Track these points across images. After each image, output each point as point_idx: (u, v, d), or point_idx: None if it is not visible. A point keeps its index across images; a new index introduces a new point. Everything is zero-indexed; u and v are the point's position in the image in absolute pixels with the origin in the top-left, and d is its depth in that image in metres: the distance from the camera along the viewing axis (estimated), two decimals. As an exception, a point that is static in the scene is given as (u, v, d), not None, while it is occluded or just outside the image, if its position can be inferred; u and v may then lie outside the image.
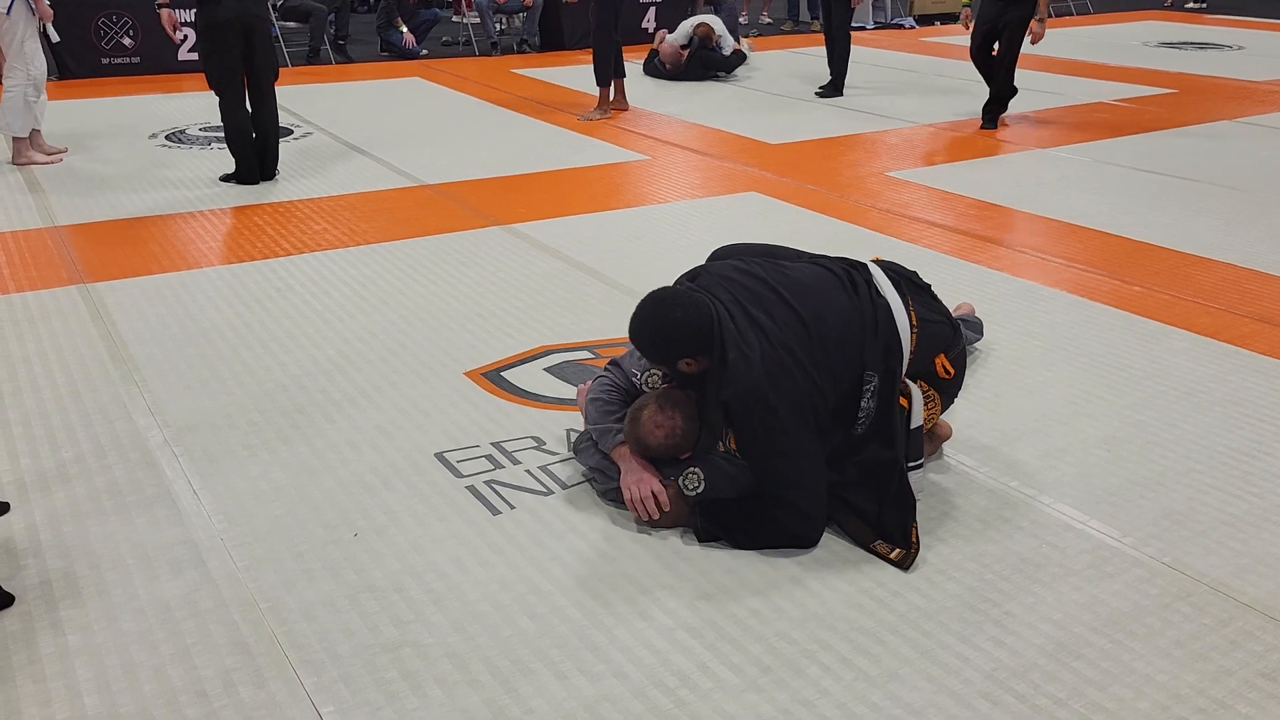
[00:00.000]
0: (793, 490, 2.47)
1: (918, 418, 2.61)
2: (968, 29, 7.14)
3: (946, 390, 2.78)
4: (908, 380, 2.61)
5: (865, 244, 4.60)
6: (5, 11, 5.60)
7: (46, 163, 5.90)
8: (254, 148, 5.44)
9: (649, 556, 2.45)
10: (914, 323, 2.62)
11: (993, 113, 7.08)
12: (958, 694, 2.03)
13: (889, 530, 2.48)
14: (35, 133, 5.93)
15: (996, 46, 6.86)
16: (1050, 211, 5.23)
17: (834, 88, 8.17)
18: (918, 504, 2.54)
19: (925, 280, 2.83)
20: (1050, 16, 7.10)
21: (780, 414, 2.42)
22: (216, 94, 5.33)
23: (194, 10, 8.76)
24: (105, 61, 8.75)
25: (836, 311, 2.54)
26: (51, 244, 4.58)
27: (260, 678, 2.05)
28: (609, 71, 7.41)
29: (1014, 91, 7.11)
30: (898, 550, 2.46)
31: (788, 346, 2.45)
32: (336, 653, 2.12)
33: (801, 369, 2.45)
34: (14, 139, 5.85)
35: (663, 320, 2.49)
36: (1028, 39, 6.83)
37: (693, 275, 2.66)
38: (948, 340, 2.73)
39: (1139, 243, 4.76)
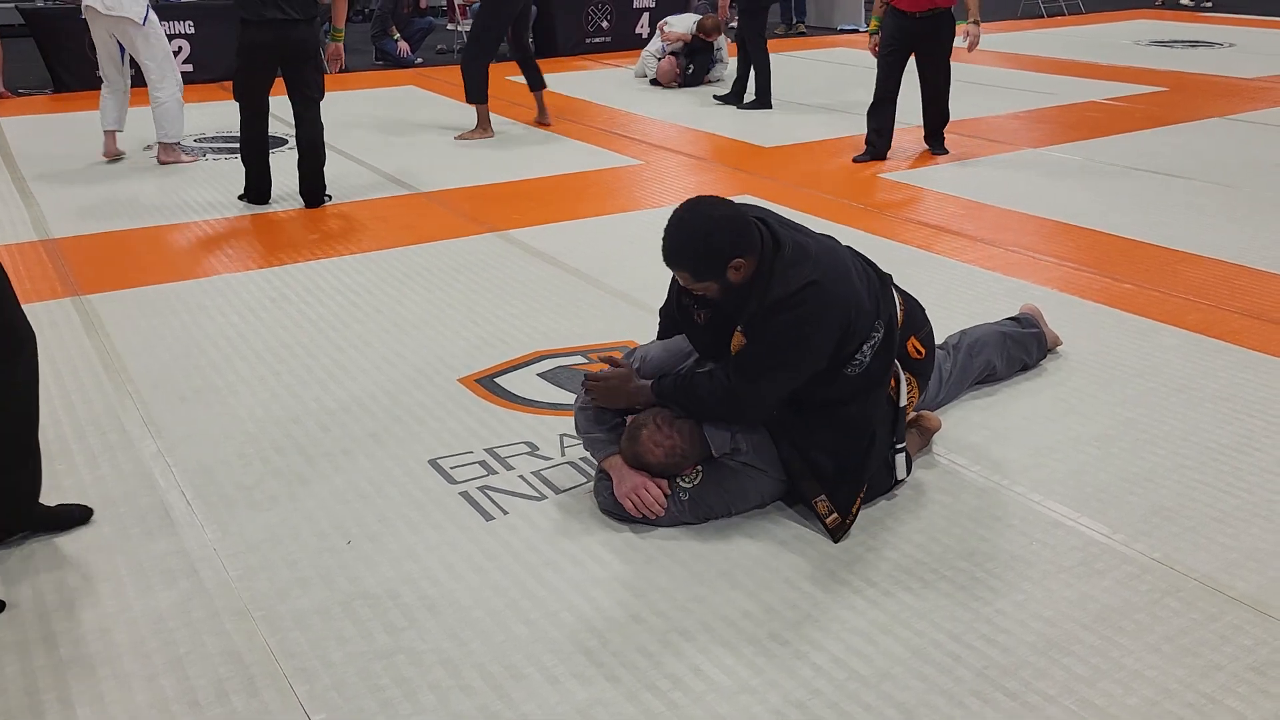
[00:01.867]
0: (752, 393, 2.47)
1: (904, 397, 2.64)
2: (874, 53, 6.27)
3: (920, 372, 2.78)
4: (897, 363, 2.63)
5: (859, 245, 4.59)
6: (141, 22, 5.89)
7: (191, 161, 6.29)
8: (301, 169, 5.37)
9: (642, 560, 2.46)
10: (901, 300, 2.69)
11: (938, 139, 6.44)
12: (949, 693, 2.04)
13: (837, 494, 2.50)
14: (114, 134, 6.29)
15: (920, 74, 6.21)
16: (1041, 210, 5.25)
17: (760, 100, 7.85)
18: (902, 483, 2.64)
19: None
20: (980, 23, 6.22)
21: (823, 330, 2.40)
22: (238, 106, 5.32)
23: (188, 21, 8.90)
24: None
25: (846, 261, 2.56)
26: (46, 256, 4.59)
27: (253, 686, 2.05)
28: (483, 88, 6.78)
29: (945, 119, 6.46)
30: (835, 516, 2.49)
31: (841, 265, 2.48)
32: (330, 660, 2.12)
33: (853, 280, 2.47)
34: (162, 144, 6.23)
35: (706, 219, 2.41)
36: (965, 49, 6.20)
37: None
38: (920, 320, 2.78)
39: (1129, 240, 4.78)
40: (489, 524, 2.60)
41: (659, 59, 8.92)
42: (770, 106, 7.86)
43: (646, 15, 11.06)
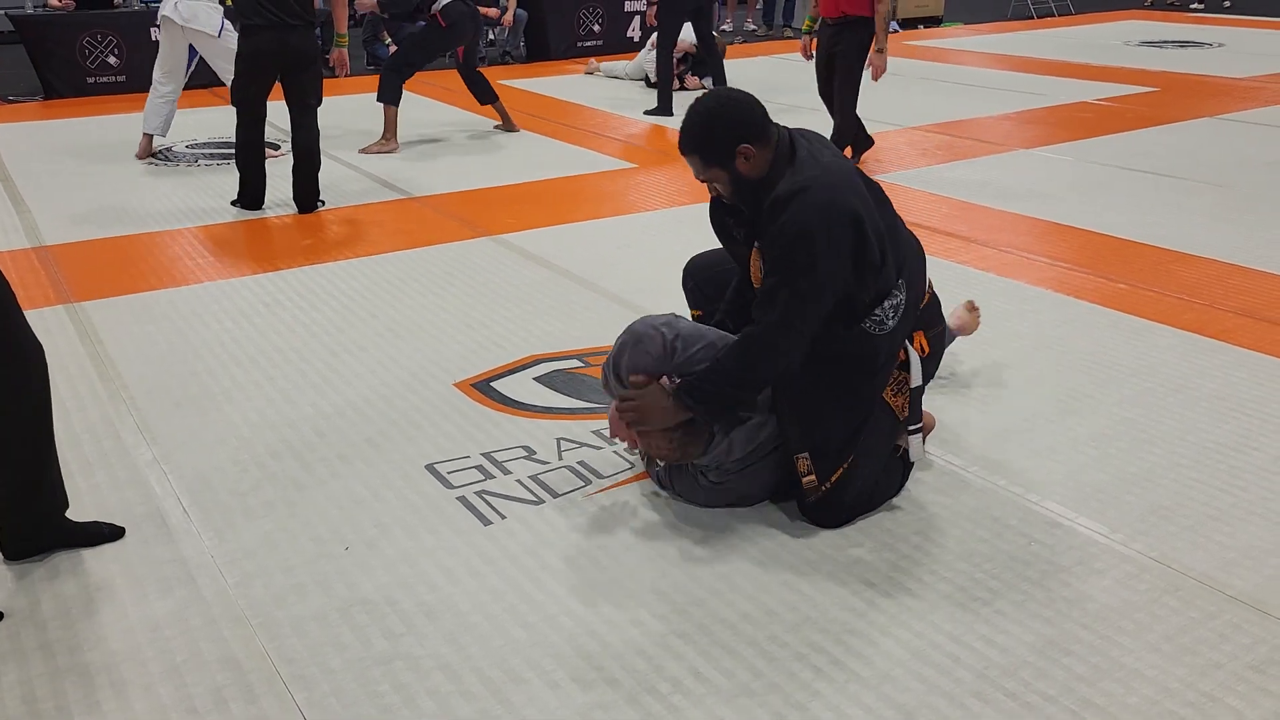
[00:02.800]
0: (781, 332, 2.40)
1: (916, 378, 2.62)
2: (809, 58, 6.04)
3: (924, 371, 2.74)
4: (908, 344, 2.62)
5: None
6: (216, 35, 6.09)
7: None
8: (296, 174, 5.37)
9: (641, 563, 2.45)
10: (929, 287, 2.70)
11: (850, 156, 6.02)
12: (950, 694, 2.04)
13: (822, 454, 2.47)
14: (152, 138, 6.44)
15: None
16: (1034, 211, 5.26)
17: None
18: (912, 469, 2.68)
19: None
20: (884, 48, 5.68)
21: (829, 235, 2.32)
22: (236, 110, 5.30)
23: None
24: (90, 81, 8.75)
25: (858, 186, 2.48)
26: (39, 263, 4.57)
27: (251, 693, 2.04)
28: (397, 91, 6.59)
29: (864, 139, 6.04)
30: (812, 478, 2.48)
31: (857, 185, 2.44)
32: (328, 667, 2.11)
33: (866, 206, 2.41)
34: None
35: (719, 99, 2.45)
36: (868, 71, 5.79)
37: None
38: (933, 317, 2.78)
39: (1123, 240, 4.79)
40: (487, 529, 2.59)
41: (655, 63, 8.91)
42: (670, 114, 7.74)
43: (638, 19, 11.07)
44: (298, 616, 2.26)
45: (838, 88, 5.79)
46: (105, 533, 2.52)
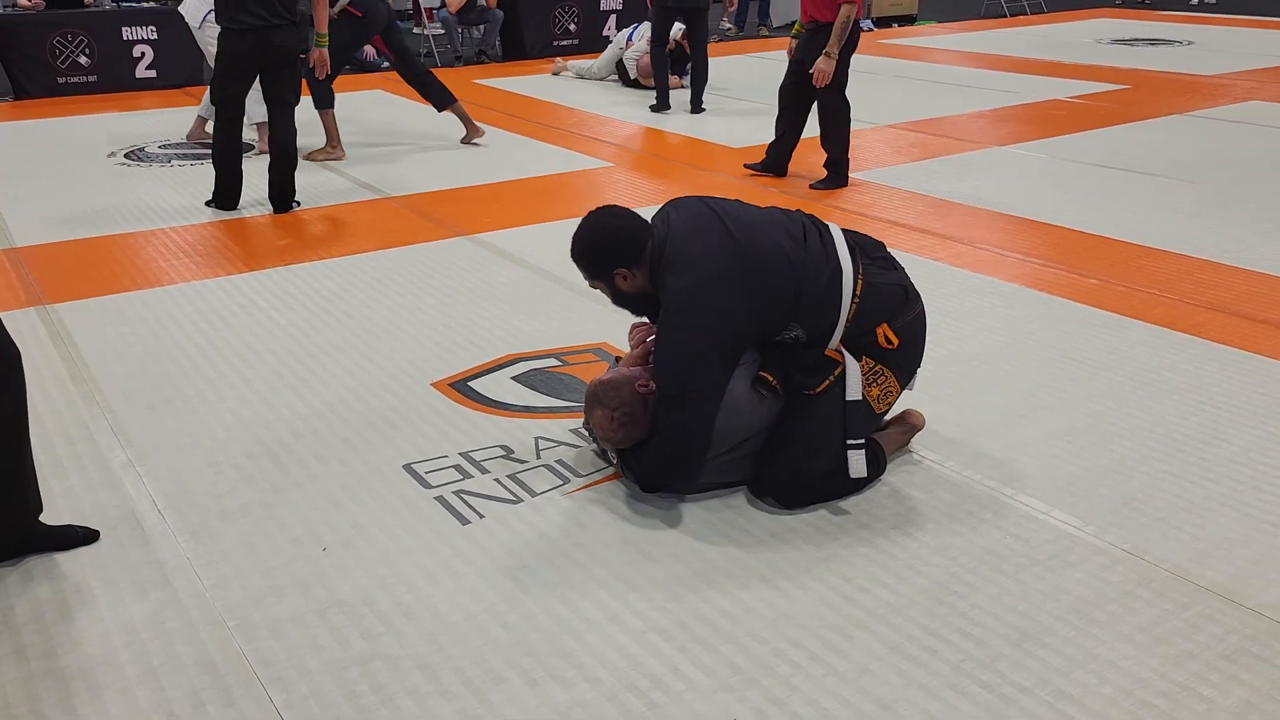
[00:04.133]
0: (678, 428, 2.54)
1: (854, 390, 2.61)
2: (790, 56, 5.87)
3: (895, 363, 2.69)
4: (845, 351, 2.63)
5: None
6: (197, 26, 6.20)
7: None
8: (272, 174, 5.33)
9: (620, 561, 2.46)
10: (857, 293, 2.61)
11: (828, 166, 5.78)
12: (927, 686, 2.05)
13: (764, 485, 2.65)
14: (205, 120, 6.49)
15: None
16: (1007, 208, 5.30)
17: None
18: (869, 482, 2.69)
19: (888, 253, 2.82)
20: (832, 55, 5.43)
21: (698, 334, 2.50)
22: (215, 109, 5.25)
23: (150, 27, 8.80)
24: (61, 81, 8.65)
25: (775, 252, 2.56)
26: (10, 265, 4.52)
27: (229, 696, 2.03)
28: (327, 95, 6.34)
29: (840, 176, 5.74)
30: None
31: (724, 267, 2.51)
32: (306, 668, 2.11)
33: (733, 294, 2.50)
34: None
35: (599, 227, 2.65)
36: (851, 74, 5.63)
37: (663, 206, 2.76)
38: (894, 309, 2.67)
39: (1095, 236, 4.84)
40: (465, 528, 2.59)
41: (637, 59, 8.91)
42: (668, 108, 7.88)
43: (614, 17, 11.06)
44: (275, 618, 2.25)
45: (820, 94, 5.63)
46: (80, 536, 2.50)
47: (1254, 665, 2.10)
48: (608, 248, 2.62)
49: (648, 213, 2.73)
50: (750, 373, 2.67)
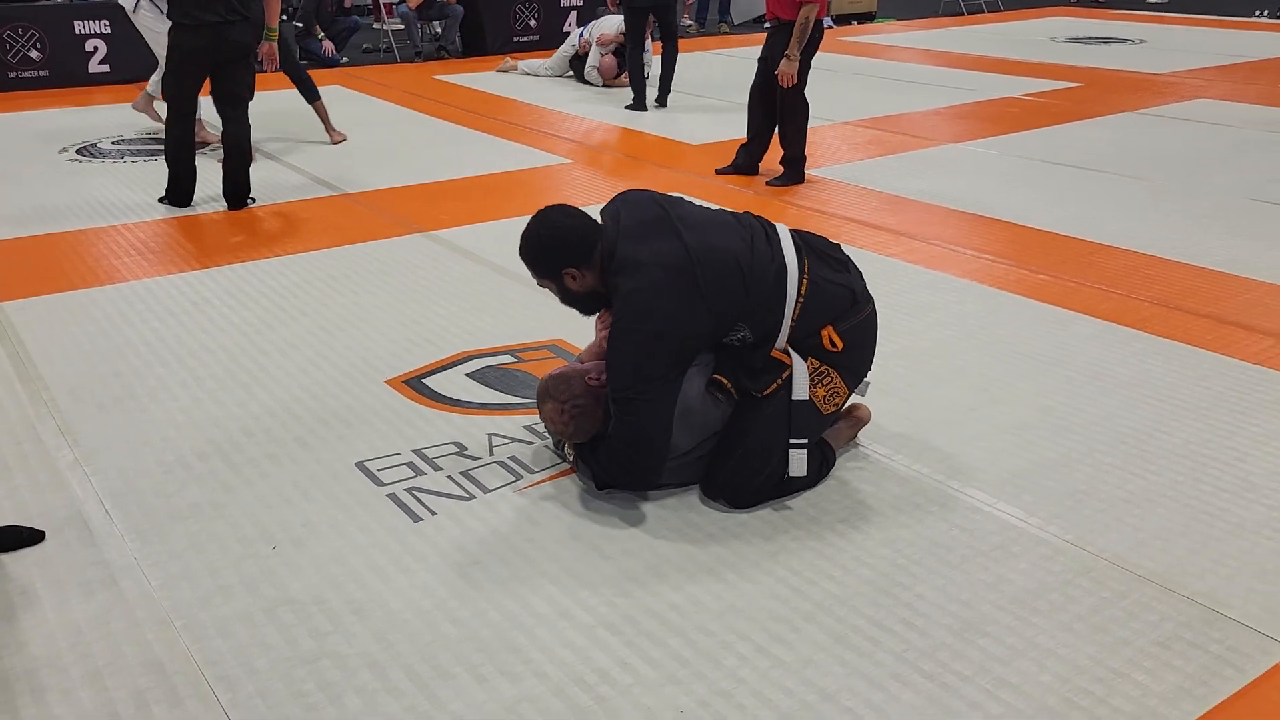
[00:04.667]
0: (633, 430, 2.55)
1: (800, 391, 2.63)
2: None
3: (842, 365, 2.69)
4: (792, 351, 2.65)
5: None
6: (131, 10, 6.15)
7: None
8: (226, 170, 5.28)
9: (571, 557, 2.47)
10: (802, 293, 2.61)
11: (784, 164, 5.81)
12: (869, 676, 2.09)
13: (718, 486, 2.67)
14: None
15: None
16: (961, 204, 5.37)
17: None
18: (811, 482, 2.72)
19: (843, 255, 2.84)
20: (793, 57, 5.44)
21: (649, 336, 2.50)
22: (166, 104, 5.19)
23: (104, 21, 8.67)
24: (12, 75, 8.51)
25: (724, 254, 2.56)
26: (-45, 264, 4.45)
27: (175, 696, 2.03)
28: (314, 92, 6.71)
29: (796, 173, 5.74)
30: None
31: (674, 270, 2.51)
32: (253, 667, 2.10)
33: (683, 296, 2.51)
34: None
35: (547, 225, 2.65)
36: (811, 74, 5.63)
37: (612, 200, 2.75)
38: (839, 310, 2.67)
39: (1046, 232, 4.91)
40: (417, 525, 2.59)
41: (597, 66, 8.89)
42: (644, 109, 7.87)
43: (574, 14, 11.05)
44: (223, 618, 2.24)
45: (780, 92, 5.63)
46: (25, 537, 2.48)
47: (1187, 651, 2.15)
48: (557, 247, 2.62)
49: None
50: (704, 375, 2.68)
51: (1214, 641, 2.19)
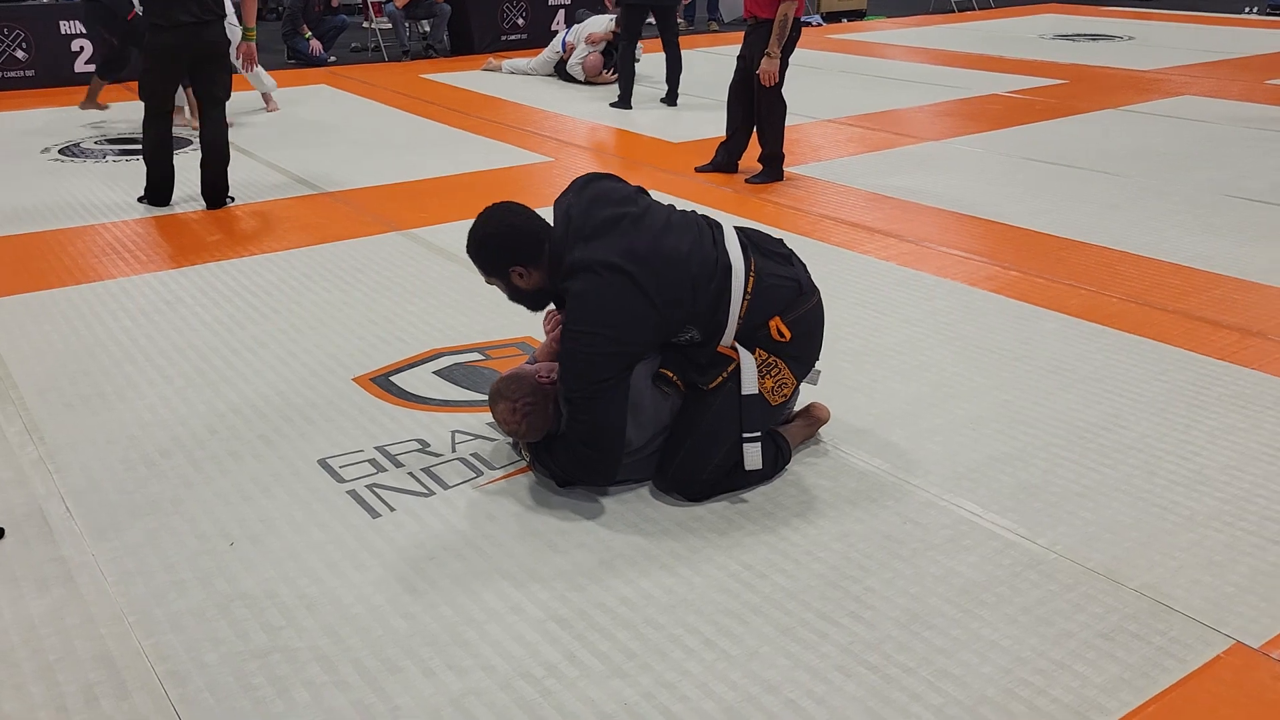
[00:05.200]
0: (587, 429, 2.58)
1: (749, 385, 2.65)
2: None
3: (790, 355, 2.70)
4: (739, 346, 2.67)
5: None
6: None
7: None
8: (204, 170, 5.29)
9: (525, 552, 2.49)
10: (749, 290, 2.64)
11: (763, 162, 5.83)
12: (814, 668, 2.11)
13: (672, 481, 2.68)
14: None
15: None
16: (939, 201, 5.39)
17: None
18: (766, 475, 2.74)
19: (786, 249, 2.85)
20: (774, 56, 5.44)
21: (599, 339, 2.51)
22: (143, 104, 5.21)
23: (80, 18, 8.68)
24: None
25: (673, 256, 2.58)
26: (-68, 264, 4.47)
27: (124, 690, 2.05)
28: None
29: (775, 170, 5.76)
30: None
31: (623, 272, 2.51)
32: (203, 662, 2.12)
33: (632, 299, 2.52)
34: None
35: (495, 223, 2.65)
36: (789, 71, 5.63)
37: (565, 191, 2.78)
38: (785, 302, 2.69)
39: (1020, 229, 4.93)
40: (375, 521, 2.61)
41: (582, 61, 8.90)
42: (629, 107, 7.85)
43: (561, 12, 11.06)
44: (176, 613, 2.27)
45: (758, 90, 5.63)
46: None
47: (1129, 643, 2.18)
48: (504, 246, 2.63)
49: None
50: (650, 369, 2.70)
51: (1157, 633, 2.21)
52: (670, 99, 7.96)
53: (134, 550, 2.48)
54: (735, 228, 2.78)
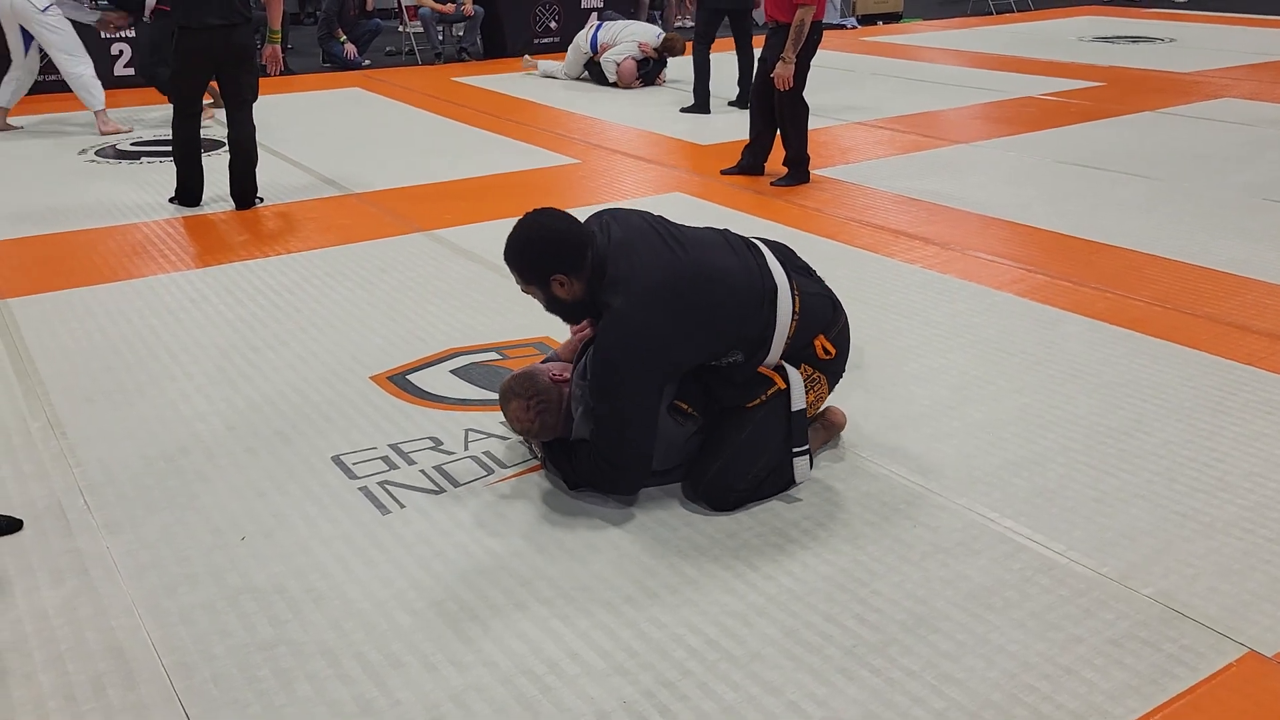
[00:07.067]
0: (616, 448, 2.54)
1: (799, 401, 2.66)
2: None
3: (830, 370, 2.77)
4: (785, 365, 2.67)
5: (785, 240, 4.66)
6: (41, 10, 6.67)
7: (126, 131, 7.13)
8: (232, 171, 5.38)
9: (532, 550, 2.50)
10: (796, 310, 2.65)
11: (787, 165, 5.82)
12: (816, 670, 2.09)
13: (702, 490, 2.64)
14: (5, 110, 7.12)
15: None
16: (966, 204, 5.33)
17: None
18: (797, 486, 2.69)
19: (803, 261, 2.87)
20: (789, 60, 5.43)
21: (639, 357, 2.45)
22: (172, 105, 5.30)
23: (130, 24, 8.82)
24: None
25: (722, 274, 2.55)
26: (-32, 262, 4.57)
27: (131, 680, 2.07)
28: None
29: (800, 173, 5.75)
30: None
31: (668, 288, 2.48)
32: (211, 654, 2.15)
33: (676, 316, 2.48)
34: (96, 114, 7.09)
35: (537, 228, 2.55)
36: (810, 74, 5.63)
37: (597, 215, 2.71)
38: (827, 320, 2.73)
39: (1048, 232, 4.87)
40: (385, 518, 2.63)
41: (619, 61, 8.91)
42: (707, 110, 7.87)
43: (594, 15, 11.08)
44: (186, 605, 2.29)
45: (778, 95, 5.63)
46: (3, 525, 2.54)
47: (1139, 650, 2.14)
48: (547, 252, 2.53)
49: (585, 212, 2.76)
50: (667, 399, 2.66)
51: (1168, 640, 2.17)
52: (741, 101, 7.92)
53: (148, 544, 2.52)
54: (762, 242, 2.78)
